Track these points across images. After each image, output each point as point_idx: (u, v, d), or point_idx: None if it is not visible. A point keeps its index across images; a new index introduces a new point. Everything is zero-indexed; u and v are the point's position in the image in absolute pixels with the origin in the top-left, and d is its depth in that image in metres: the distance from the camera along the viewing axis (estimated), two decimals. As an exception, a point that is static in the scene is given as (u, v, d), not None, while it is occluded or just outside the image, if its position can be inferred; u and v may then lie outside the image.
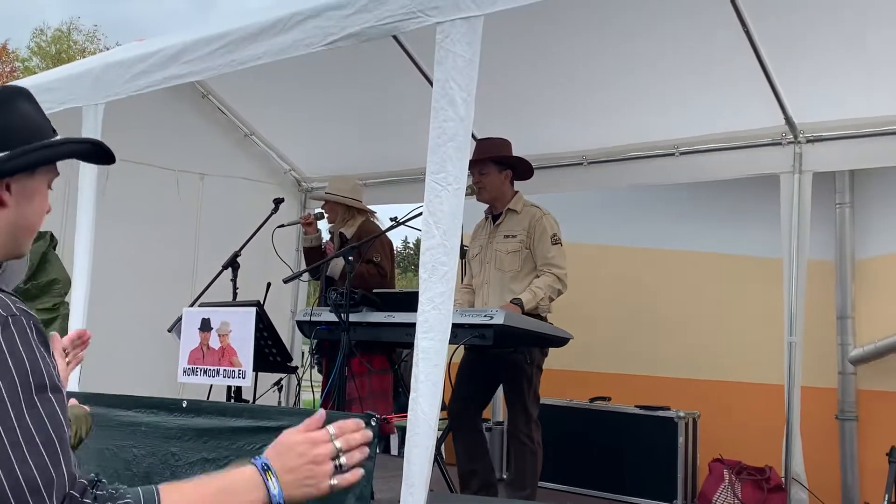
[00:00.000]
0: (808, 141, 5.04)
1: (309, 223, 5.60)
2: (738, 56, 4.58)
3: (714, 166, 5.39)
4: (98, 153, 1.65)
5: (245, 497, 1.39)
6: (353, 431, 1.47)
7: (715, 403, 5.66)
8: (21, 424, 1.25)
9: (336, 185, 5.62)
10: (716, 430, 5.54)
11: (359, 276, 4.91)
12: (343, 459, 1.46)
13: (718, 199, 5.91)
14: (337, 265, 5.17)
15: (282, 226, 5.44)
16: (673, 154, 5.51)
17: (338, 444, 1.46)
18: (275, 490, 1.40)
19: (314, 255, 5.57)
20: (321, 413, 1.50)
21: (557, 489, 5.56)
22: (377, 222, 5.63)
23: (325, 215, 5.57)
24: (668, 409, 5.44)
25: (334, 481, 1.44)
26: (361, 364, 4.93)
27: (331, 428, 1.47)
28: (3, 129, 1.46)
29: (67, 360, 2.21)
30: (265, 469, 1.41)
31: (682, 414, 5.36)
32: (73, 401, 2.05)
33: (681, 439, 5.30)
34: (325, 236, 5.79)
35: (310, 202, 7.41)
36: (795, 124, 5.00)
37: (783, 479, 5.02)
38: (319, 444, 1.45)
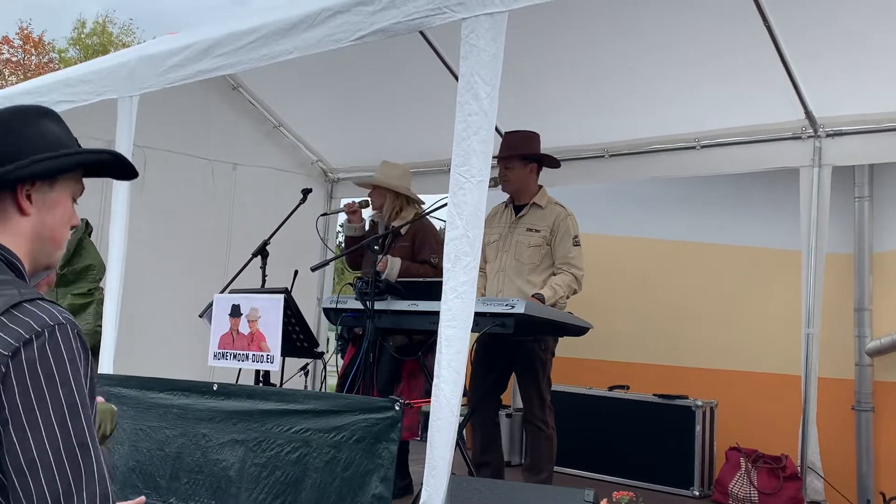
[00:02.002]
0: (828, 135, 5.08)
1: (353, 211, 5.37)
2: (758, 50, 4.63)
3: (734, 159, 5.44)
4: (117, 165, 1.70)
5: None
6: None
7: (732, 393, 5.73)
8: (52, 445, 1.33)
9: (385, 171, 5.22)
10: (733, 420, 5.61)
11: (416, 276, 4.79)
12: None
13: (738, 191, 5.96)
14: (394, 268, 4.89)
15: (325, 214, 5.35)
16: (694, 147, 5.57)
17: None
18: None
19: (356, 244, 5.17)
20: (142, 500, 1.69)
21: (576, 474, 5.66)
22: (430, 220, 5.23)
23: (368, 203, 5.28)
24: (686, 398, 5.52)
25: None
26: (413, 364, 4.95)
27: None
28: (29, 140, 1.55)
29: None
30: None
31: (699, 403, 5.44)
32: (99, 398, 2.13)
33: (698, 428, 5.38)
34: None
35: (337, 189, 7.51)
36: (815, 118, 5.04)
37: (799, 468, 5.10)
38: None
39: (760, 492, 5.08)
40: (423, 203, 5.31)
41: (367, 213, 5.44)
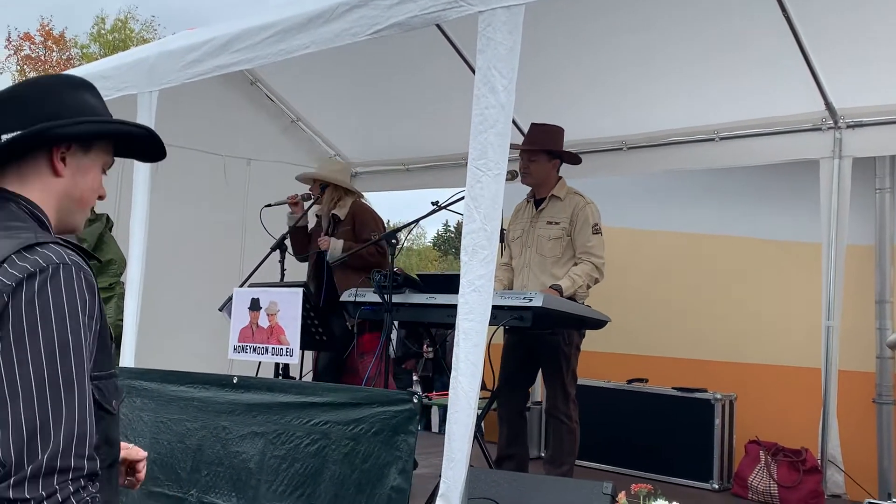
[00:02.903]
0: (849, 126, 5.05)
1: (295, 203, 5.65)
2: (778, 41, 4.60)
3: (754, 151, 5.41)
4: (149, 141, 1.74)
5: None
6: None
7: (752, 386, 5.70)
8: (36, 377, 1.33)
9: (325, 167, 5.73)
10: (753, 413, 5.59)
11: (359, 257, 5.10)
12: None
13: (758, 184, 5.92)
14: (336, 249, 5.26)
15: (269, 205, 5.51)
16: (713, 139, 5.55)
17: None
18: None
19: (300, 235, 5.67)
20: None
21: (595, 467, 5.66)
22: (367, 203, 5.78)
23: (311, 196, 5.62)
24: (705, 391, 5.50)
25: None
26: (371, 342, 5.11)
27: None
28: (69, 105, 1.60)
29: None
30: None
31: (718, 396, 5.42)
32: None
33: (717, 421, 5.37)
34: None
35: (355, 183, 7.53)
36: (836, 109, 5.01)
37: (819, 461, 5.08)
38: None
39: (780, 485, 5.06)
40: (363, 196, 5.85)
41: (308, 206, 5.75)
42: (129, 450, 1.90)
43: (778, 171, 5.65)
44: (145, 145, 1.76)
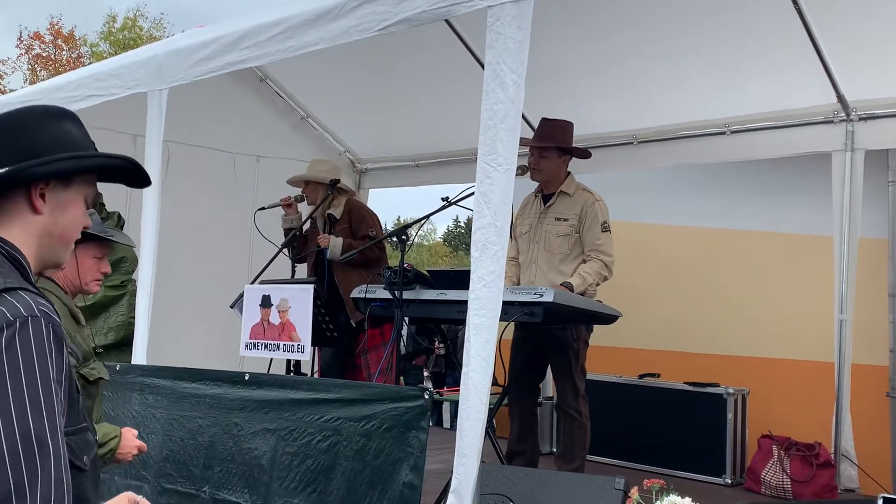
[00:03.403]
0: (861, 119, 5.02)
1: (289, 205, 5.69)
2: (789, 33, 4.57)
3: (765, 145, 5.39)
4: (131, 172, 1.66)
5: None
6: None
7: (765, 380, 5.68)
8: (7, 438, 1.28)
9: (315, 168, 5.71)
10: (765, 407, 5.57)
11: (359, 254, 5.10)
12: None
13: (769, 177, 5.89)
14: (336, 247, 5.30)
15: (262, 208, 5.53)
16: (724, 133, 5.52)
17: None
18: None
19: (293, 236, 5.66)
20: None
21: (607, 463, 5.65)
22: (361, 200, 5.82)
23: (304, 198, 5.65)
24: (718, 385, 5.49)
25: None
26: (373, 339, 5.13)
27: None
28: (46, 139, 1.53)
29: None
30: None
31: (731, 390, 5.40)
32: None
33: (730, 415, 5.35)
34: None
35: (365, 180, 7.54)
36: (848, 102, 4.97)
37: (832, 456, 5.05)
38: None
39: (793, 479, 5.04)
40: (356, 193, 5.95)
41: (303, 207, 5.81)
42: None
43: (790, 165, 5.62)
44: (129, 173, 1.68)
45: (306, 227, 5.70)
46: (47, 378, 1.35)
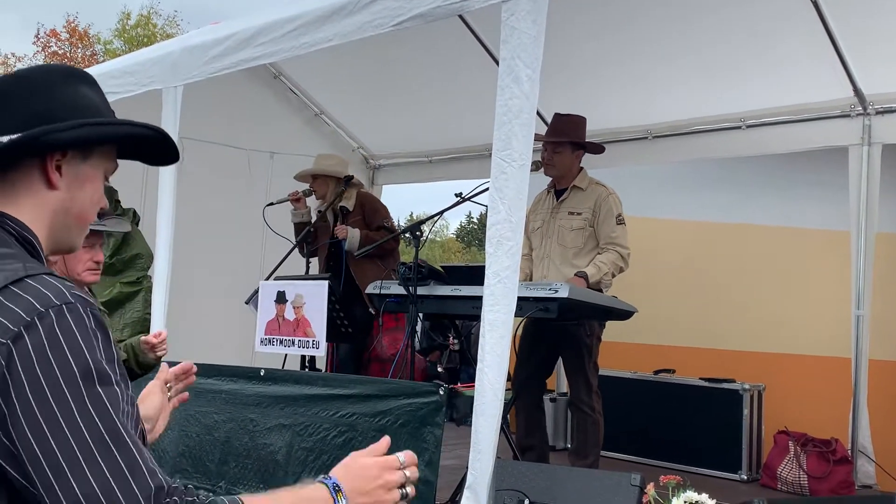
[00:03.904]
0: (878, 112, 4.98)
1: (297, 199, 5.72)
2: (805, 26, 4.54)
3: (781, 139, 5.36)
4: (160, 143, 1.46)
5: None
6: (415, 463, 1.45)
7: (781, 376, 5.65)
8: (76, 436, 1.12)
9: (323, 162, 5.75)
10: (781, 403, 5.54)
11: (372, 243, 5.11)
12: (408, 489, 1.42)
13: (785, 171, 5.86)
14: (354, 238, 5.34)
15: (271, 203, 5.55)
16: (739, 127, 5.49)
17: (407, 472, 1.43)
18: None
19: (303, 230, 5.69)
20: (386, 440, 1.48)
21: (623, 459, 5.64)
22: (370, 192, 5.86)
23: (314, 192, 5.67)
24: (734, 381, 5.46)
25: None
26: (389, 320, 5.17)
27: (401, 456, 1.44)
28: (62, 102, 1.33)
29: (169, 394, 2.01)
30: (336, 490, 1.35)
31: (746, 386, 5.37)
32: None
33: (745, 411, 5.32)
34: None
35: (379, 176, 7.54)
36: (864, 96, 4.94)
37: (849, 452, 5.02)
38: (392, 471, 1.42)
39: (810, 476, 5.01)
40: (363, 186, 5.93)
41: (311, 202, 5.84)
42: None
43: (806, 159, 5.58)
44: (154, 147, 1.47)
45: (314, 221, 5.71)
46: (102, 368, 1.17)
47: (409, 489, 1.42)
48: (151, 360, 3.17)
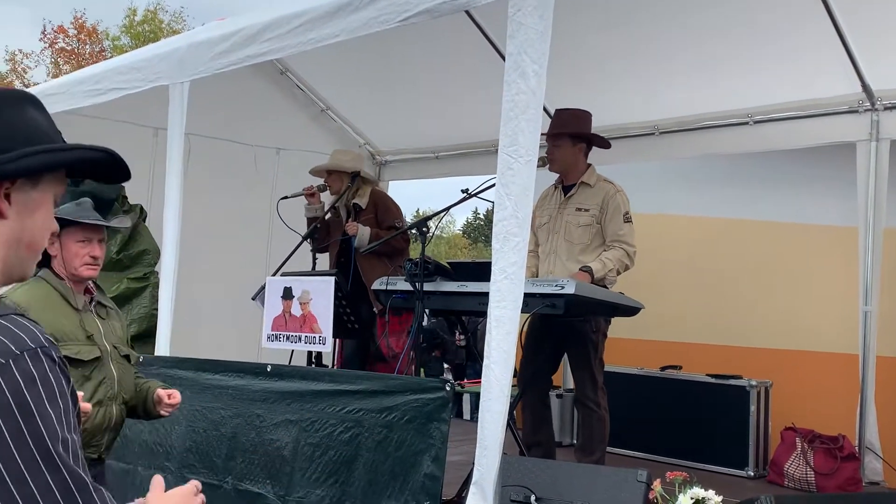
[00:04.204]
0: (886, 108, 4.96)
1: (311, 194, 5.69)
2: (812, 22, 4.53)
3: (788, 135, 5.34)
4: (111, 164, 1.40)
5: None
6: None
7: (788, 373, 5.64)
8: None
9: (338, 158, 5.73)
10: (789, 400, 5.53)
11: (385, 243, 5.12)
12: None
13: (793, 167, 5.84)
14: (364, 235, 5.32)
15: (285, 197, 5.53)
16: (746, 123, 5.48)
17: (202, 497, 1.57)
18: None
19: (315, 227, 5.63)
20: (160, 479, 1.56)
21: (629, 455, 5.63)
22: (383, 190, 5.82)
23: (327, 187, 5.65)
24: (741, 377, 5.45)
25: None
26: (397, 323, 5.14)
27: (195, 481, 1.59)
28: (8, 129, 1.27)
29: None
30: None
31: (753, 383, 5.37)
32: None
33: (752, 408, 5.32)
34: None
35: (385, 171, 7.55)
36: (873, 91, 4.92)
37: (857, 448, 5.01)
38: (193, 497, 1.55)
39: (817, 472, 5.00)
40: (378, 183, 5.97)
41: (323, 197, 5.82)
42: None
43: (813, 155, 5.57)
44: (106, 168, 1.41)
45: (328, 216, 5.71)
46: (67, 415, 1.15)
47: None
48: (154, 414, 3.19)
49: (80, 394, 2.62)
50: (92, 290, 3.10)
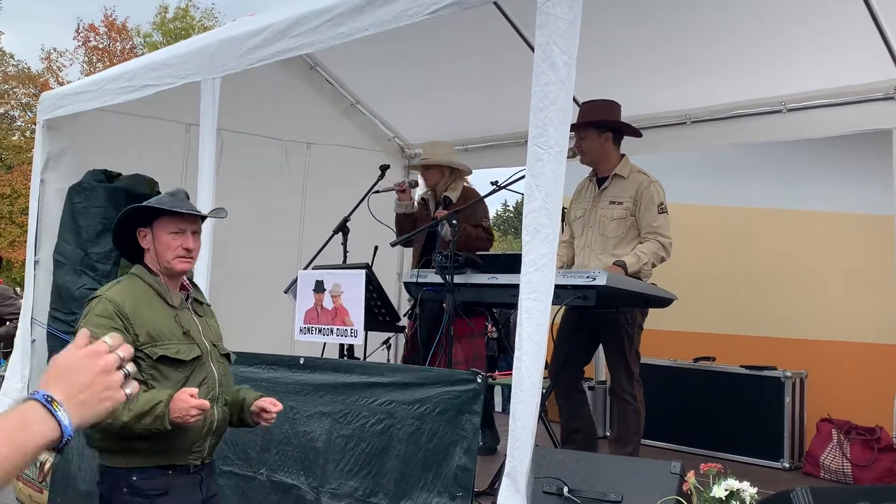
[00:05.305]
0: (923, 94, 4.86)
1: (403, 190, 5.73)
2: (847, 6, 4.45)
3: (823, 122, 5.26)
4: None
5: (37, 430, 1.21)
6: (123, 344, 1.34)
7: (823, 363, 5.58)
8: None
9: (435, 150, 5.74)
10: (824, 390, 5.48)
11: (472, 238, 5.15)
12: (129, 367, 1.32)
13: (827, 156, 5.76)
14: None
15: (377, 191, 5.55)
16: (780, 111, 5.40)
17: (120, 353, 1.31)
18: (65, 420, 1.22)
19: (406, 222, 5.74)
20: (84, 332, 1.34)
21: (663, 447, 5.61)
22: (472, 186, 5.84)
23: (418, 183, 5.68)
24: (775, 368, 5.40)
25: (128, 390, 1.31)
26: (463, 326, 5.09)
27: (106, 338, 1.32)
28: None
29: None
30: (49, 401, 1.22)
31: (788, 374, 5.32)
32: None
33: (787, 399, 5.27)
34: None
35: (406, 170, 7.56)
36: (909, 77, 4.83)
37: (894, 440, 4.95)
38: (102, 356, 1.30)
39: (854, 464, 4.95)
40: (471, 173, 5.93)
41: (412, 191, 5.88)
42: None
43: (848, 143, 5.49)
44: None
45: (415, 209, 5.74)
46: None
47: (130, 367, 1.32)
48: (250, 422, 2.98)
49: (193, 390, 2.62)
50: (188, 286, 2.97)
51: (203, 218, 3.01)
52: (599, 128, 4.66)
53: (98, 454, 2.79)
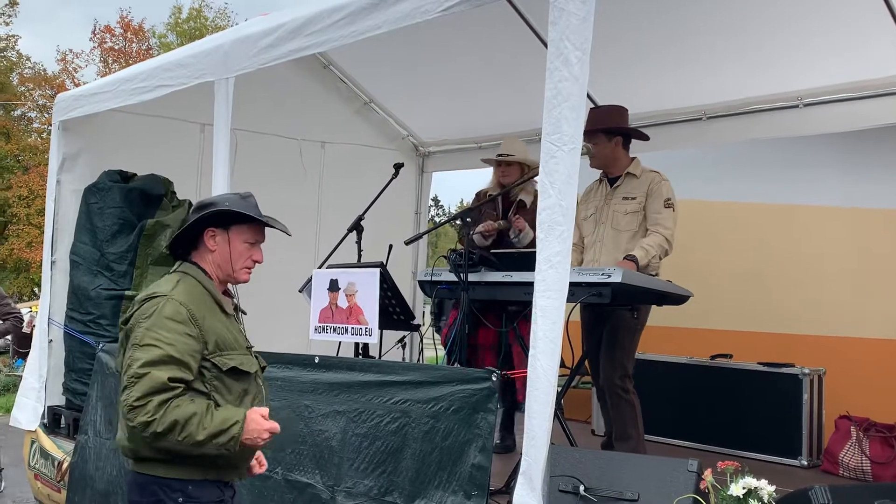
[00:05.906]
0: (943, 87, 4.81)
1: (491, 234, 5.28)
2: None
3: (840, 117, 5.21)
4: None
5: None
6: None
7: (841, 360, 5.53)
8: None
9: (517, 147, 5.40)
10: (843, 387, 5.42)
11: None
12: None
13: (845, 151, 5.71)
14: (527, 238, 5.05)
15: (475, 232, 5.14)
16: (796, 106, 5.36)
17: None
18: None
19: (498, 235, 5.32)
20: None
21: (680, 445, 5.57)
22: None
23: (502, 176, 5.33)
24: (793, 365, 5.36)
25: None
26: (485, 337, 5.07)
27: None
28: None
29: None
30: None
31: (806, 371, 5.27)
32: None
33: (805, 396, 5.22)
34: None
35: (428, 163, 7.54)
36: (929, 70, 4.78)
37: (914, 437, 4.90)
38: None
39: (873, 461, 4.90)
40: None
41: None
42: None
43: (866, 138, 5.44)
44: None
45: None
46: None
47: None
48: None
49: (264, 410, 2.58)
50: (231, 293, 2.87)
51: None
52: (609, 133, 4.66)
53: (143, 464, 2.61)
